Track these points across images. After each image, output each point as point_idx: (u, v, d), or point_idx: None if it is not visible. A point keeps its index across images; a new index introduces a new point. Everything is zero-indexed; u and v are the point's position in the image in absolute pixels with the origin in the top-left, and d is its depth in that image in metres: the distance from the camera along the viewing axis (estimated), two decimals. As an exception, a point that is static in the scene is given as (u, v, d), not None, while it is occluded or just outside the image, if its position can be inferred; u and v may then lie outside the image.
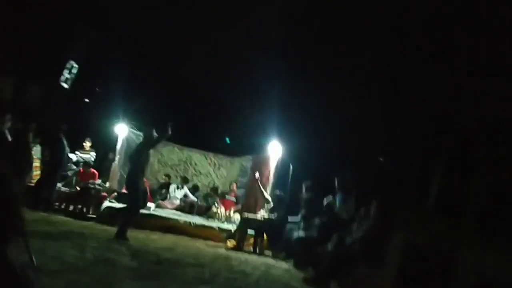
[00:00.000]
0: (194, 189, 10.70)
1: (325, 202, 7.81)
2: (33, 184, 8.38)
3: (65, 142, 8.69)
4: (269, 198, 8.84)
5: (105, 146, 10.71)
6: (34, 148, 8.41)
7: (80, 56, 3.68)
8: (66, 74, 3.52)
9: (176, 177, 10.92)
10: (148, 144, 7.09)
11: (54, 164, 8.40)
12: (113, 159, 10.45)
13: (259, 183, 9.04)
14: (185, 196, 10.21)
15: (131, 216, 6.77)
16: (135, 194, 6.74)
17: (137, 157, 6.91)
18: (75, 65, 3.59)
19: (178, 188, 10.30)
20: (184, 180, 10.44)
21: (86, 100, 11.23)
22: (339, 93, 7.41)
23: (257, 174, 9.23)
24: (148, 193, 9.15)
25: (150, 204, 8.98)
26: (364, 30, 6.70)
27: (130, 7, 7.64)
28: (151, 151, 7.34)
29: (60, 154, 8.58)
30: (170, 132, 6.88)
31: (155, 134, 6.97)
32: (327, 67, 7.16)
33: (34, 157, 8.39)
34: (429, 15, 6.22)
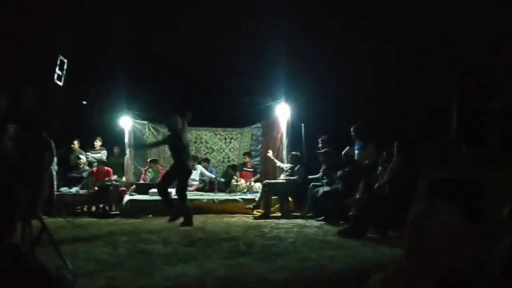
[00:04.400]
0: (206, 162, 10.57)
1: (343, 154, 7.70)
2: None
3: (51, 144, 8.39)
4: (284, 166, 8.72)
5: (112, 141, 10.59)
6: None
7: (68, 50, 3.47)
8: (58, 71, 3.33)
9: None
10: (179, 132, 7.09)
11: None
12: (118, 154, 10.34)
13: (272, 157, 9.05)
14: (202, 175, 10.12)
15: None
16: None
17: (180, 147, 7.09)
18: (64, 60, 3.39)
19: (191, 169, 10.17)
20: (194, 159, 10.28)
21: (84, 102, 10.98)
22: (344, 42, 7.08)
23: (270, 153, 9.15)
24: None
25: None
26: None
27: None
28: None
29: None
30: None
31: (180, 120, 7.05)
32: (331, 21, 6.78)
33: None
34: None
